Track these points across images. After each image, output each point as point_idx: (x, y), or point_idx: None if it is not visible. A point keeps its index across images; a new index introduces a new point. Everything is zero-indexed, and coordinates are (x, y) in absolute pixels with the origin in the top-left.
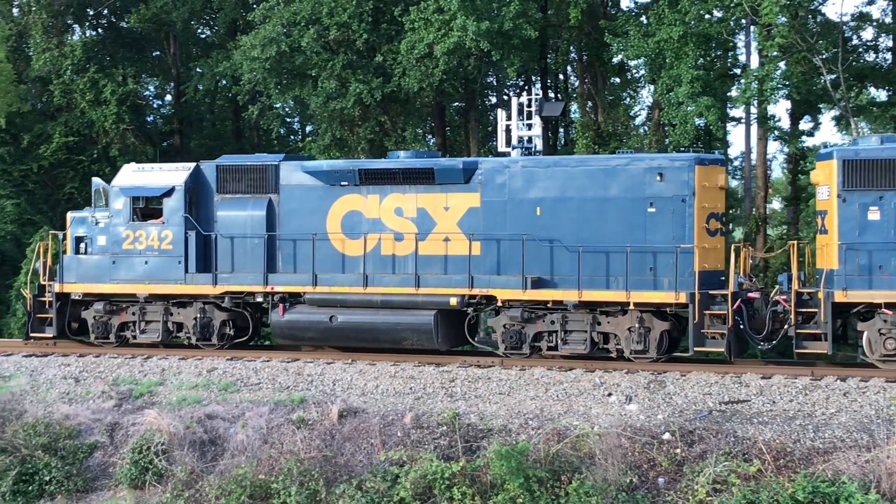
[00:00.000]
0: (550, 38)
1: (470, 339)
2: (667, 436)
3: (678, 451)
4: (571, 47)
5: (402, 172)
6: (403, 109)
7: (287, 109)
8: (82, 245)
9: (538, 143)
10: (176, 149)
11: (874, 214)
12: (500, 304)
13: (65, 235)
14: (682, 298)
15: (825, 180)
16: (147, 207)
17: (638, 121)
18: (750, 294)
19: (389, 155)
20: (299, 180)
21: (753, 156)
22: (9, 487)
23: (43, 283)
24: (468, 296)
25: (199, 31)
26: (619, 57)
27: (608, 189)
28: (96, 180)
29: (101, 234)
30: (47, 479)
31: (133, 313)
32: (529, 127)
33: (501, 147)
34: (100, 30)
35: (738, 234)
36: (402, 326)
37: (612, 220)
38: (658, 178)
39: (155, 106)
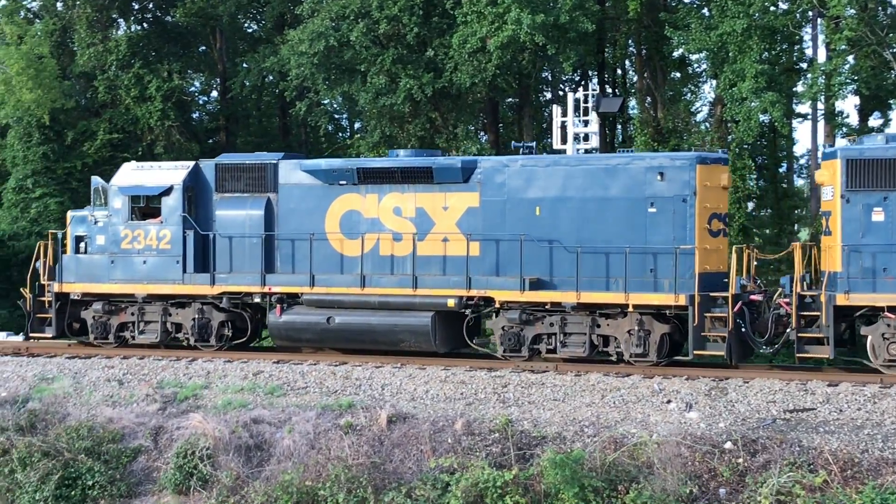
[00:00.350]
0: (608, 32)
1: (469, 342)
2: (728, 445)
3: (740, 460)
4: (630, 41)
5: (401, 171)
6: (455, 105)
7: (335, 106)
8: (82, 244)
9: (595, 141)
10: (222, 146)
11: (878, 215)
12: (498, 305)
13: (65, 234)
14: (682, 300)
15: (829, 180)
16: (148, 206)
17: (699, 117)
18: (752, 296)
19: (389, 154)
20: (298, 179)
21: (820, 154)
22: (51, 492)
23: (43, 282)
24: (466, 297)
25: (246, 25)
26: (680, 51)
27: (608, 189)
28: (96, 179)
29: (100, 234)
30: (90, 483)
31: (132, 314)
32: (586, 123)
33: (556, 144)
34: (145, 24)
35: (805, 234)
36: (399, 328)
37: (613, 220)
38: (659, 177)
39: (200, 102)
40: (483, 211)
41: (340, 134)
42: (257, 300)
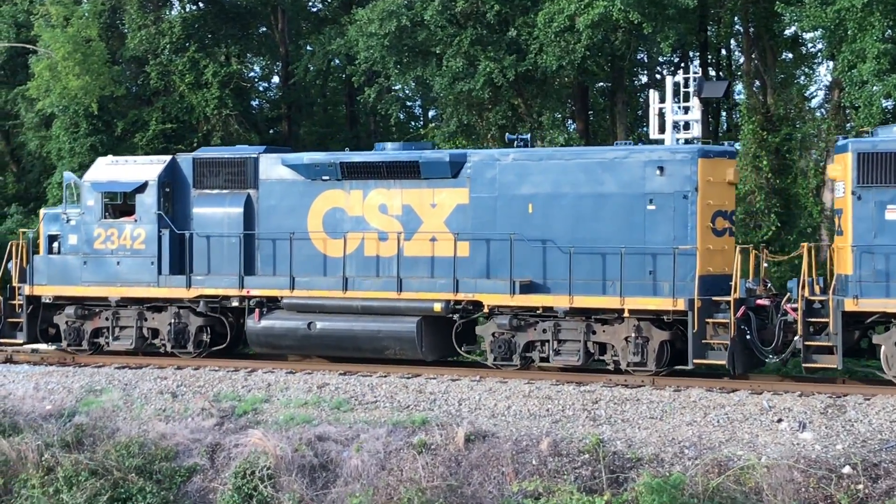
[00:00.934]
0: (711, 8)
1: (458, 349)
2: (847, 469)
3: (860, 486)
4: (736, 18)
5: (386, 166)
6: (540, 91)
7: (408, 92)
8: (55, 244)
9: (696, 129)
10: (284, 137)
11: (892, 213)
12: (486, 310)
13: (37, 233)
14: (681, 305)
15: (841, 175)
16: (125, 204)
17: (814, 103)
18: (759, 301)
19: (376, 147)
20: (279, 174)
21: None
22: None
23: (15, 284)
24: (453, 301)
25: (310, 4)
26: (793, 28)
27: (605, 184)
28: (68, 174)
29: (73, 233)
30: None
31: (106, 318)
32: (686, 110)
33: (653, 133)
34: (200, 4)
35: None
36: (383, 334)
37: (609, 218)
38: (658, 172)
39: (260, 89)
40: (473, 208)
41: (413, 123)
42: (235, 304)
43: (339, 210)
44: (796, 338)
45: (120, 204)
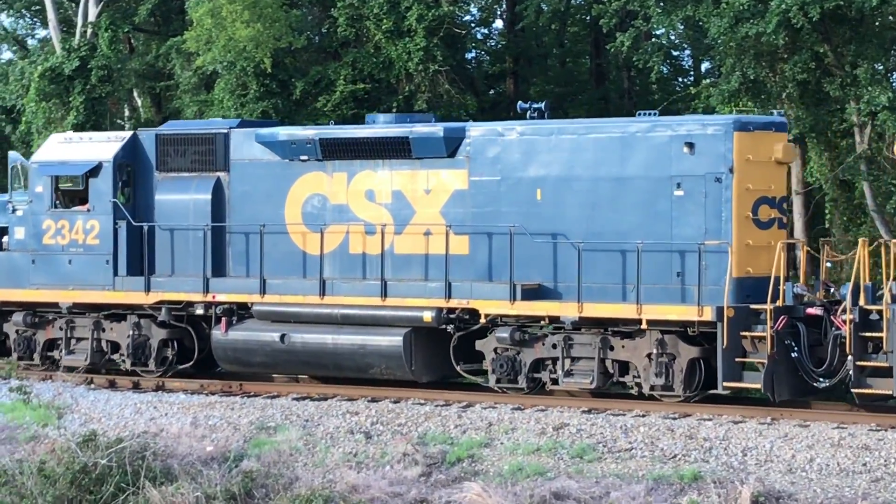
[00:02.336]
0: None
1: (456, 367)
2: None
3: None
4: None
5: (371, 143)
6: (855, 35)
7: (673, 38)
8: (5, 239)
9: None
10: (508, 98)
11: None
12: (483, 320)
13: None
14: (707, 314)
15: None
16: (85, 191)
17: None
18: (810, 310)
19: (367, 119)
20: (254, 154)
21: None
22: None
23: None
24: (446, 309)
25: None
26: None
27: (625, 164)
28: (13, 155)
29: (20, 225)
30: None
31: (60, 328)
32: None
33: None
34: None
35: None
36: (367, 349)
37: (630, 206)
38: (687, 149)
39: (479, 37)
40: (473, 194)
41: (680, 79)
42: (200, 312)
43: (321, 197)
44: (848, 357)
45: (78, 191)
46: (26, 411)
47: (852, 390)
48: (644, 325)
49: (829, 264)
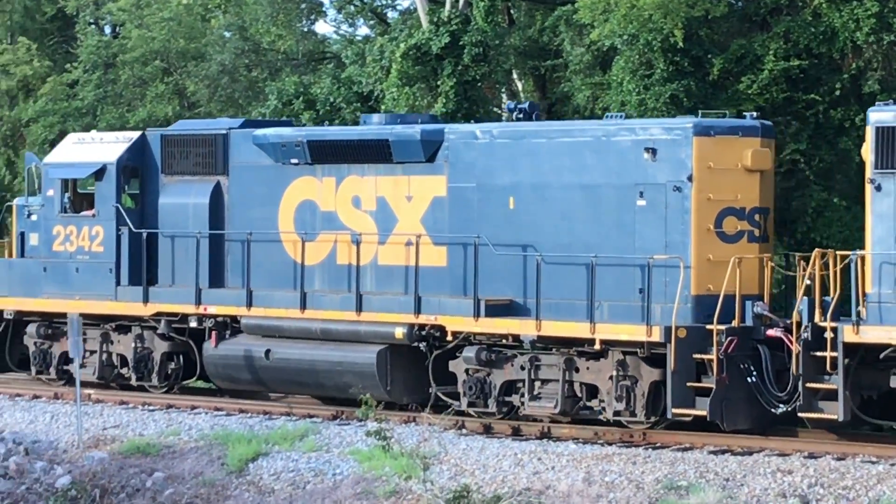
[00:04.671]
0: None
1: (434, 386)
2: None
3: None
4: None
5: (355, 146)
6: None
7: None
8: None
9: None
10: None
11: None
12: (450, 338)
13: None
14: (656, 335)
15: (866, 157)
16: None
17: None
18: (769, 332)
19: (362, 119)
20: (250, 157)
21: None
22: None
23: None
24: (417, 325)
25: None
26: None
27: (592, 171)
28: (29, 155)
29: (34, 231)
30: None
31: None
32: None
33: None
34: None
35: None
36: (344, 367)
37: (597, 217)
38: (649, 155)
39: None
40: (451, 202)
41: None
42: (194, 324)
43: (311, 203)
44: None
45: (89, 195)
46: (386, 460)
47: (800, 415)
48: (598, 346)
49: (808, 281)
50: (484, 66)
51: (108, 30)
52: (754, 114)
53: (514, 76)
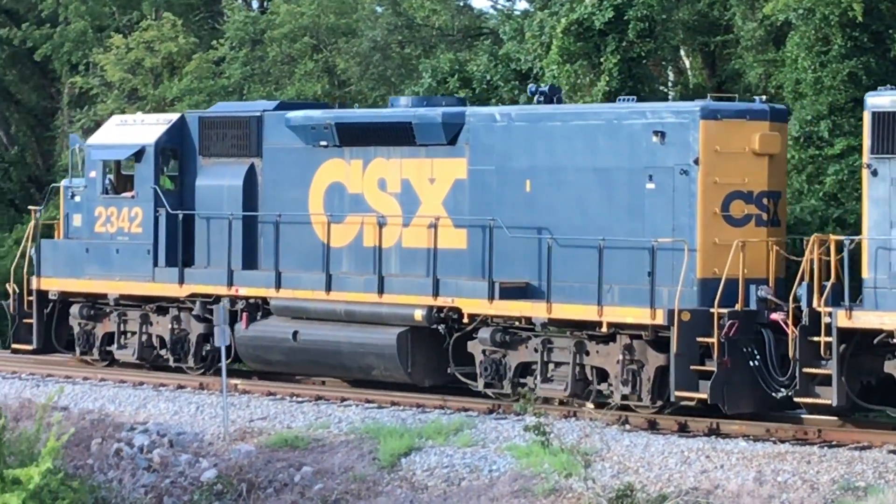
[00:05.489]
0: None
1: (450, 370)
2: None
3: None
4: None
5: (381, 128)
6: None
7: None
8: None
9: None
10: None
11: None
12: (466, 320)
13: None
14: (660, 318)
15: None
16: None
17: None
18: (773, 315)
19: (390, 101)
20: (284, 140)
21: None
22: None
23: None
24: (435, 308)
25: None
26: None
27: (605, 155)
28: (73, 136)
29: (77, 212)
30: None
31: (114, 321)
32: None
33: None
34: None
35: None
36: (366, 349)
37: (610, 200)
38: (657, 138)
39: None
40: (471, 185)
41: None
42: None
43: (340, 186)
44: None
45: (131, 177)
46: (545, 456)
47: (795, 399)
48: (605, 329)
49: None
50: (650, 42)
51: (255, 5)
52: (763, 97)
53: (682, 53)
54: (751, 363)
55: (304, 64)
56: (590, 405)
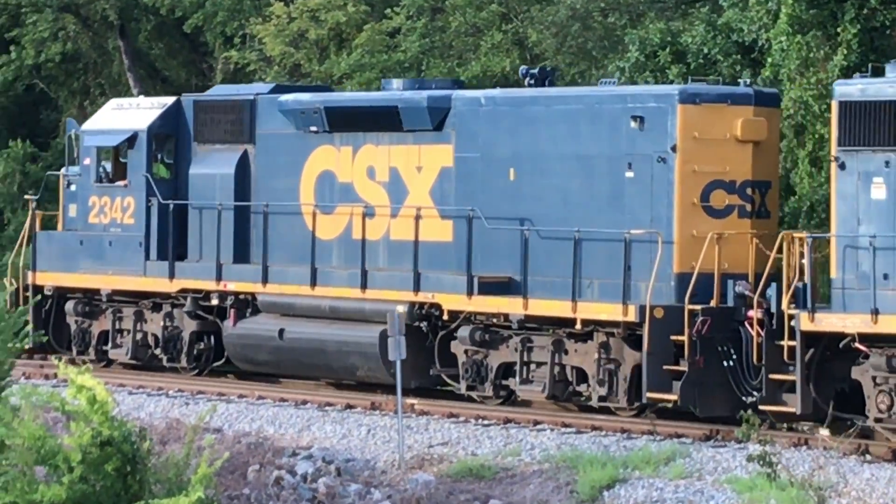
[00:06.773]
0: None
1: (437, 371)
2: None
3: None
4: None
5: (369, 113)
6: None
7: None
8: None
9: None
10: None
11: (879, 190)
12: (446, 317)
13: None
14: (631, 315)
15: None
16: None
17: None
18: (750, 313)
19: (382, 84)
20: (276, 125)
21: None
22: None
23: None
24: (417, 303)
25: None
26: None
27: (586, 141)
28: (71, 121)
29: (72, 202)
30: None
31: (108, 318)
32: None
33: None
34: None
35: None
36: (349, 347)
37: (591, 189)
38: (636, 124)
39: None
40: (458, 173)
41: None
42: (215, 302)
43: (330, 174)
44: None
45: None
46: (771, 491)
47: (760, 407)
48: (578, 326)
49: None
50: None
51: None
52: (748, 80)
53: None
54: (725, 363)
55: (492, 35)
56: (824, 431)
